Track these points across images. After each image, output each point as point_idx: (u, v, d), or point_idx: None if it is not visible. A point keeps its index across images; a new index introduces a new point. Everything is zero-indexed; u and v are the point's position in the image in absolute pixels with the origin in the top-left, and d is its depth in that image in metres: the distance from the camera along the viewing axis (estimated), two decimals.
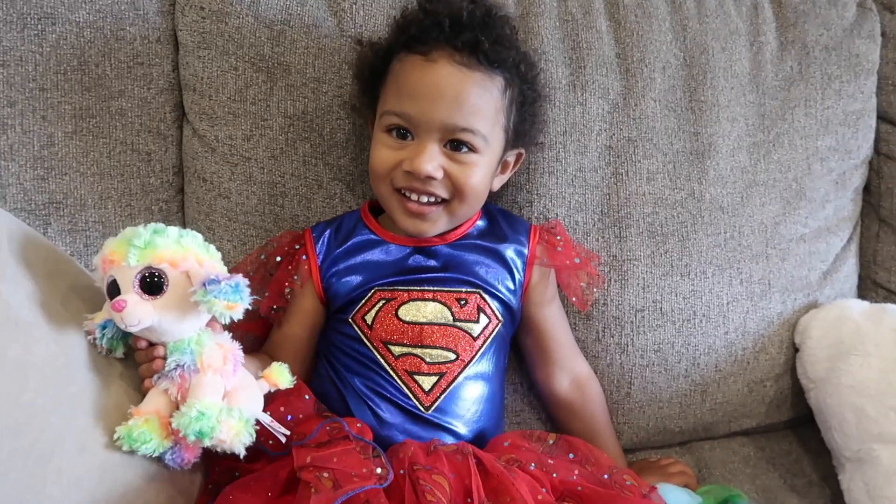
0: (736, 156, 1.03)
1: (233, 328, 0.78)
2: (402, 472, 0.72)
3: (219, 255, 0.76)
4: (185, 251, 0.72)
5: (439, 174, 0.83)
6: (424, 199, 0.84)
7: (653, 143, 1.01)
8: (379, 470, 0.71)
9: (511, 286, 0.89)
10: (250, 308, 0.72)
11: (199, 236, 0.75)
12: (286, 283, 0.88)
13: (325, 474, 0.69)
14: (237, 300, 0.70)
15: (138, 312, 0.69)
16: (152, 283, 0.70)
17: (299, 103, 0.96)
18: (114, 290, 0.71)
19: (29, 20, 0.93)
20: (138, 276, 0.70)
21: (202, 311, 0.71)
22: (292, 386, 0.78)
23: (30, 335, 0.67)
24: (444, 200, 0.85)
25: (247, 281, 0.72)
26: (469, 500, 0.71)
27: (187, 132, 0.99)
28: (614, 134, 1.00)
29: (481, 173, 0.85)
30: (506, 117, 0.86)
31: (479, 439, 0.85)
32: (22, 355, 0.65)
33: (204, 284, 0.69)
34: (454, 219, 0.88)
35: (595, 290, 0.94)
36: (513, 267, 0.90)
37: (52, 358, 0.68)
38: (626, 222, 0.99)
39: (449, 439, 0.83)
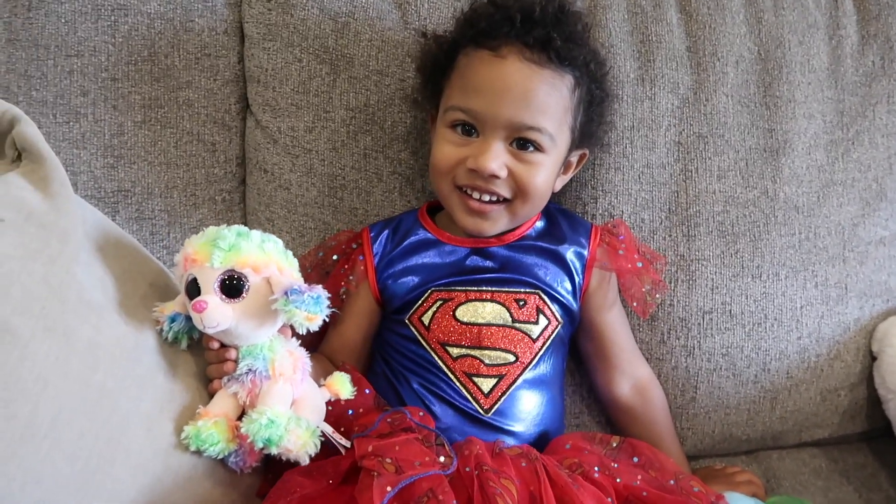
0: (812, 154, 0.99)
1: (299, 338, 0.78)
2: (467, 469, 0.70)
3: (297, 262, 0.76)
4: (268, 257, 0.72)
5: (503, 173, 0.81)
6: (486, 197, 0.83)
7: (724, 140, 0.97)
8: (442, 458, 0.70)
9: (570, 288, 0.87)
10: (327, 321, 0.72)
11: (280, 242, 0.75)
12: (342, 283, 0.88)
13: (388, 460, 0.68)
14: (317, 311, 0.70)
15: (218, 315, 0.70)
16: (233, 286, 0.71)
17: (361, 96, 0.96)
18: (193, 288, 0.71)
19: (103, 11, 0.95)
20: (220, 279, 0.70)
21: (280, 318, 0.72)
22: (353, 397, 0.78)
23: (101, 317, 0.68)
24: (505, 200, 0.83)
25: (327, 293, 0.72)
26: None
27: (250, 123, 0.99)
28: (684, 129, 0.97)
29: (546, 173, 0.83)
30: (573, 117, 0.84)
31: (540, 442, 0.83)
32: (93, 336, 0.66)
33: (286, 293, 0.69)
34: (515, 219, 0.86)
35: (658, 296, 0.91)
36: (572, 269, 0.88)
37: (121, 340, 0.69)
38: (695, 221, 0.96)
39: (510, 441, 0.81)
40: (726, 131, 0.97)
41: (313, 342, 0.90)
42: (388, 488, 0.65)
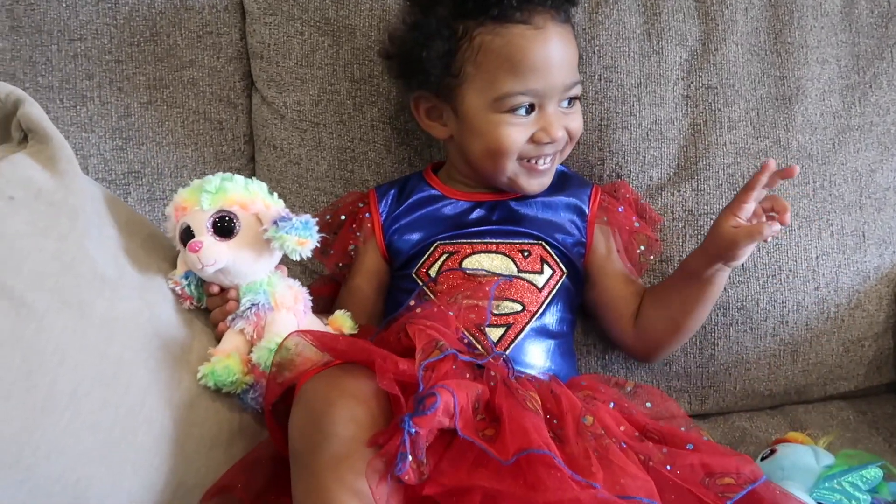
0: (827, 100, 0.96)
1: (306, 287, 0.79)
2: (492, 384, 0.70)
3: (282, 202, 0.78)
4: (253, 195, 0.75)
5: (566, 135, 0.84)
6: (549, 159, 0.85)
7: (735, 90, 0.95)
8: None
9: (572, 241, 0.88)
10: (318, 246, 0.75)
11: (265, 185, 0.78)
12: (350, 241, 0.90)
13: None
14: (307, 236, 0.73)
15: (214, 252, 0.72)
16: (225, 226, 0.73)
17: (366, 67, 0.96)
18: (187, 236, 0.73)
19: None
20: (211, 220, 0.73)
21: (274, 248, 0.74)
22: (356, 332, 0.80)
23: (115, 291, 0.69)
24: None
25: (315, 218, 0.74)
26: (555, 421, 0.69)
27: (256, 100, 1.00)
28: (692, 82, 0.95)
29: (581, 115, 0.87)
30: None
31: None
32: (108, 310, 0.68)
33: (275, 222, 0.72)
34: (558, 164, 0.89)
35: (651, 256, 0.91)
36: (574, 224, 0.88)
37: (136, 313, 0.70)
38: (705, 174, 0.95)
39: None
40: (736, 81, 0.95)
41: (326, 307, 0.91)
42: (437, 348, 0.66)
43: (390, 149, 0.97)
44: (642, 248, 0.90)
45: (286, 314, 0.74)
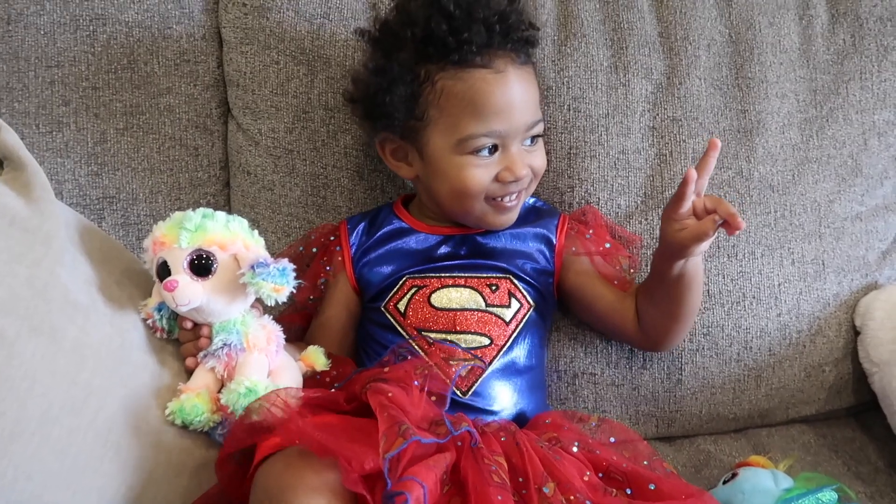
0: (786, 133, 1.00)
1: (276, 320, 0.80)
2: (459, 444, 0.71)
3: (262, 240, 0.78)
4: (234, 235, 0.75)
5: (529, 171, 0.85)
6: (514, 197, 0.86)
7: (698, 122, 0.98)
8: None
9: (540, 273, 0.89)
10: (294, 292, 0.74)
11: (245, 222, 0.78)
12: (321, 274, 0.90)
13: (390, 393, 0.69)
14: (283, 283, 0.73)
15: (189, 292, 0.72)
16: (202, 265, 0.73)
17: (339, 95, 0.97)
18: (164, 271, 0.73)
19: (81, 21, 0.96)
20: (188, 258, 0.73)
21: (250, 292, 0.74)
22: (327, 368, 0.80)
23: (87, 318, 0.69)
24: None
25: (293, 265, 0.74)
26: (520, 479, 0.70)
27: (232, 127, 1.01)
28: (658, 114, 0.99)
29: (544, 151, 0.89)
30: None
31: (518, 420, 0.84)
32: (79, 336, 0.68)
33: (252, 267, 0.72)
34: (525, 200, 0.90)
35: (632, 271, 0.92)
36: (542, 255, 0.90)
37: (107, 340, 0.71)
38: None
39: (488, 419, 0.82)
40: (700, 114, 0.98)
41: (298, 335, 0.92)
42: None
43: (363, 175, 0.99)
44: (625, 264, 0.91)
45: (258, 355, 0.74)
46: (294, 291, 0.74)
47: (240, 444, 0.69)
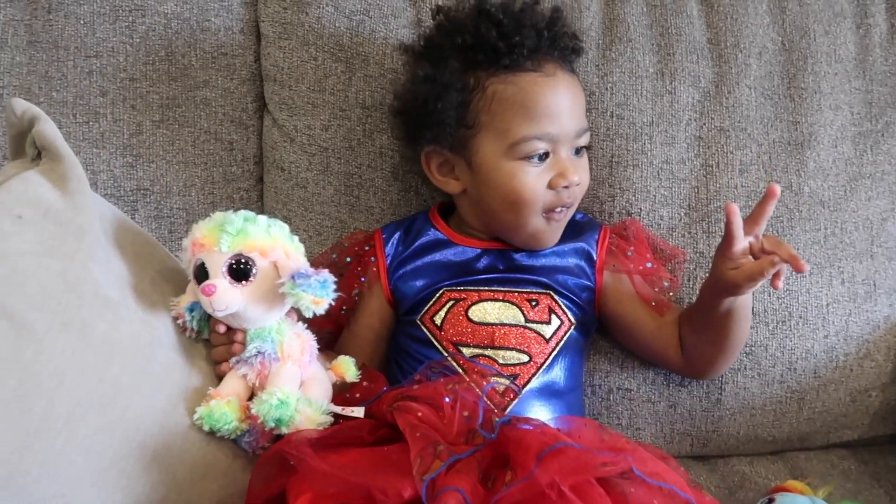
0: (839, 146, 0.96)
1: (307, 323, 0.78)
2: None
3: (302, 247, 0.76)
4: (274, 241, 0.73)
5: (580, 179, 0.84)
6: (564, 210, 0.85)
7: (747, 133, 0.95)
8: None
9: (581, 288, 0.87)
10: (332, 304, 0.73)
11: (286, 227, 0.76)
12: (354, 285, 0.88)
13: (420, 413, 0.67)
14: (323, 295, 0.71)
15: (227, 298, 0.70)
16: (241, 270, 0.71)
17: (377, 94, 0.96)
18: (201, 273, 0.72)
19: (121, 12, 0.96)
20: (228, 262, 0.71)
21: (287, 301, 0.72)
22: (357, 380, 0.78)
23: (117, 314, 0.68)
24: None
25: (333, 277, 0.72)
26: None
27: (267, 122, 1.00)
28: (705, 124, 0.95)
29: (588, 168, 0.88)
30: None
31: None
32: (109, 332, 0.67)
33: (293, 277, 0.70)
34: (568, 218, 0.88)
35: (670, 294, 0.88)
36: (582, 269, 0.87)
37: (136, 337, 0.69)
38: (716, 217, 0.94)
39: None
40: (749, 125, 0.95)
41: (328, 344, 0.90)
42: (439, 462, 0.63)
43: (398, 176, 0.97)
44: (665, 283, 0.88)
45: (291, 366, 0.72)
46: (332, 304, 0.72)
47: (263, 494, 0.67)
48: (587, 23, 0.96)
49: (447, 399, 0.69)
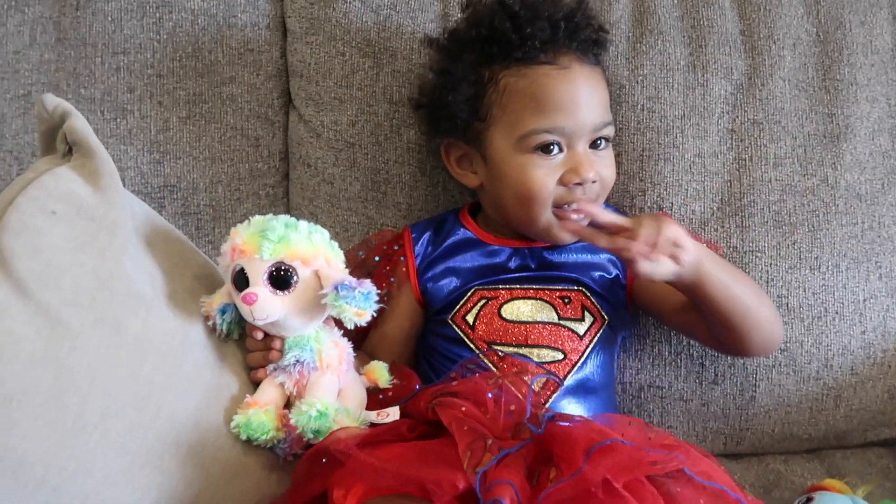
0: (876, 139, 0.94)
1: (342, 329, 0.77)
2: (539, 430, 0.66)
3: (342, 254, 0.75)
4: (316, 249, 0.72)
5: (596, 175, 0.82)
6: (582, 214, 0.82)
7: (781, 126, 0.93)
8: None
9: (612, 282, 0.86)
10: (375, 315, 0.72)
11: (326, 233, 0.75)
12: (383, 285, 0.86)
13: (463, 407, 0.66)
14: (367, 308, 0.70)
15: (268, 307, 0.69)
16: (282, 279, 0.70)
17: (405, 89, 0.95)
18: (241, 279, 0.71)
19: (148, 8, 0.96)
20: (269, 271, 0.70)
21: (328, 311, 0.71)
22: (390, 385, 0.78)
23: (150, 311, 0.68)
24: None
25: (376, 289, 0.71)
26: None
27: (293, 118, 0.99)
28: (738, 117, 0.94)
29: (614, 161, 0.86)
30: None
31: None
32: (142, 330, 0.67)
33: (336, 288, 0.69)
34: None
35: None
36: (613, 265, 0.86)
37: (169, 335, 0.69)
38: (749, 211, 0.92)
39: None
40: (783, 117, 0.93)
41: (356, 341, 0.89)
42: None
43: (425, 171, 0.96)
44: None
45: (330, 376, 0.72)
46: (374, 315, 0.71)
47: (309, 492, 0.66)
48: (616, 15, 0.95)
49: (490, 395, 0.68)
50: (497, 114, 0.81)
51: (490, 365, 0.80)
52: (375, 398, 0.77)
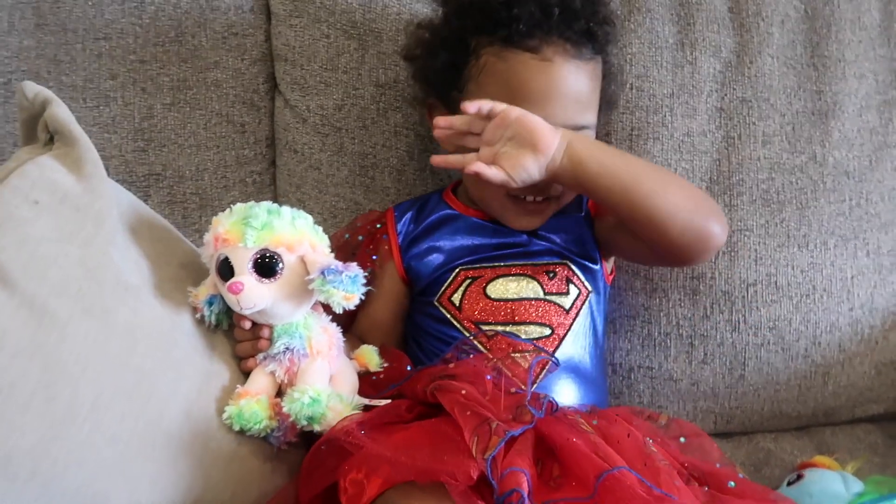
0: (864, 115, 0.94)
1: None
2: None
3: (326, 238, 0.75)
4: (300, 235, 0.71)
5: None
6: (541, 198, 0.81)
7: (770, 104, 0.93)
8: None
9: (590, 249, 0.85)
10: (363, 299, 0.71)
11: (310, 218, 0.74)
12: (367, 264, 0.85)
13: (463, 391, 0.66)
14: (354, 291, 0.69)
15: (255, 295, 0.68)
16: (267, 266, 0.69)
17: (391, 72, 0.94)
18: (225, 269, 0.70)
19: None
20: (254, 258, 0.69)
21: (317, 297, 0.70)
22: (381, 369, 0.77)
23: (138, 299, 0.67)
24: (555, 196, 0.82)
25: (363, 272, 0.70)
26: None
27: (279, 103, 0.98)
28: (726, 94, 0.93)
29: None
30: (601, 94, 0.82)
31: None
32: (131, 319, 0.66)
33: (323, 273, 0.68)
34: (559, 208, 0.84)
35: None
36: (584, 227, 0.86)
37: (158, 322, 0.68)
38: (738, 189, 0.93)
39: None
40: (772, 95, 0.93)
41: (344, 325, 0.89)
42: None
43: (413, 156, 0.95)
44: None
45: (321, 362, 0.71)
46: (363, 298, 0.70)
47: (320, 482, 0.66)
48: None
49: (489, 377, 0.68)
50: (472, 89, 0.79)
51: (481, 347, 0.80)
52: (367, 381, 0.77)
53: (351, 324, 0.88)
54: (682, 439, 0.76)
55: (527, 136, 0.73)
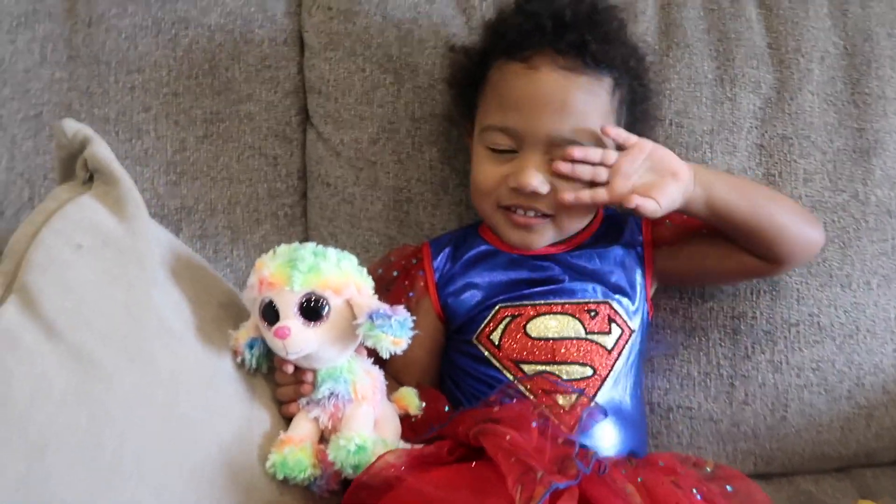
0: None
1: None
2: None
3: (371, 280, 0.73)
4: (346, 277, 0.69)
5: (545, 189, 0.77)
6: (531, 213, 0.80)
7: (810, 141, 0.92)
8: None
9: (636, 286, 0.83)
10: (409, 342, 0.69)
11: (354, 259, 0.73)
12: (402, 300, 0.83)
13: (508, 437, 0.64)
14: (403, 335, 0.68)
15: (301, 340, 0.67)
16: (313, 310, 0.68)
17: (427, 106, 0.93)
18: (269, 312, 0.68)
19: (163, 25, 0.93)
20: (300, 302, 0.68)
21: (364, 342, 0.69)
22: (420, 412, 0.76)
23: (181, 344, 0.66)
24: (548, 215, 0.80)
25: (412, 317, 0.69)
26: None
27: (311, 136, 0.97)
28: (766, 131, 0.92)
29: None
30: (616, 119, 0.80)
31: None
32: (174, 365, 0.65)
33: (370, 317, 0.67)
34: (562, 232, 0.83)
35: None
36: (630, 261, 0.84)
37: (200, 368, 0.67)
38: None
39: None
40: (812, 132, 0.92)
41: (376, 362, 0.87)
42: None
43: (448, 190, 0.94)
44: None
45: (366, 407, 0.69)
46: (410, 342, 0.69)
47: None
48: (643, 27, 0.93)
49: (535, 423, 0.67)
50: (480, 104, 0.82)
51: (523, 389, 0.78)
52: (406, 422, 0.76)
53: (384, 364, 0.87)
54: (728, 487, 0.74)
55: (666, 166, 0.76)
